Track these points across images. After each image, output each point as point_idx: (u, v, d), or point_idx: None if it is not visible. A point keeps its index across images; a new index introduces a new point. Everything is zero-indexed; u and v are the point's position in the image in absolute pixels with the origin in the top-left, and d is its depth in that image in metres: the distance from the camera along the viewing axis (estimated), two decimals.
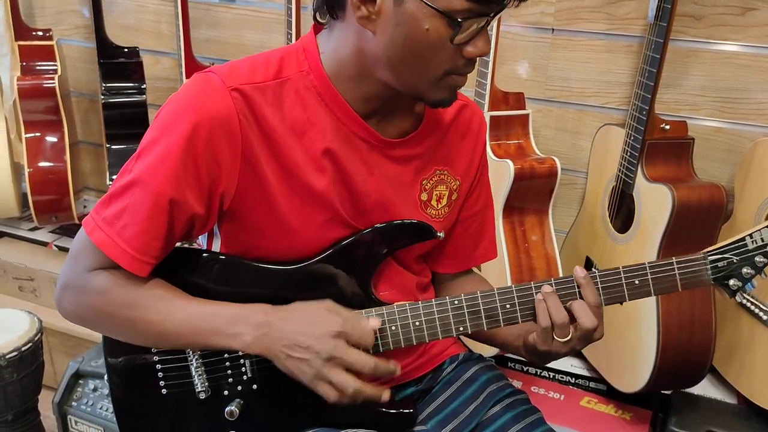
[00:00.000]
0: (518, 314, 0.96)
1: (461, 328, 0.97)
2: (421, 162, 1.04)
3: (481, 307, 0.96)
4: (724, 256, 0.96)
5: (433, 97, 0.94)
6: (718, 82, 1.59)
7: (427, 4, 0.84)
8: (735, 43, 1.55)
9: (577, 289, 0.95)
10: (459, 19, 0.84)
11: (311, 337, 0.90)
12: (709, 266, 0.96)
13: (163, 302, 0.94)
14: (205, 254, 1.01)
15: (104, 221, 0.92)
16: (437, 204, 1.07)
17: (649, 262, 0.96)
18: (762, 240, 0.95)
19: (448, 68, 0.90)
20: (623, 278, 0.95)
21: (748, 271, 0.96)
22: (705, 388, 1.58)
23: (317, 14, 0.96)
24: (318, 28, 0.98)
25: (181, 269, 0.98)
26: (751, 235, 0.95)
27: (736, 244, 0.96)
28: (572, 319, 0.94)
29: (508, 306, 0.96)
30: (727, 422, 1.46)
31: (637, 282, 0.96)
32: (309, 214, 0.97)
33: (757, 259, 0.95)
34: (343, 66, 0.94)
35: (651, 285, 0.96)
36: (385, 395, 0.93)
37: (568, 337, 0.93)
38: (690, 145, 1.52)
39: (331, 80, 0.95)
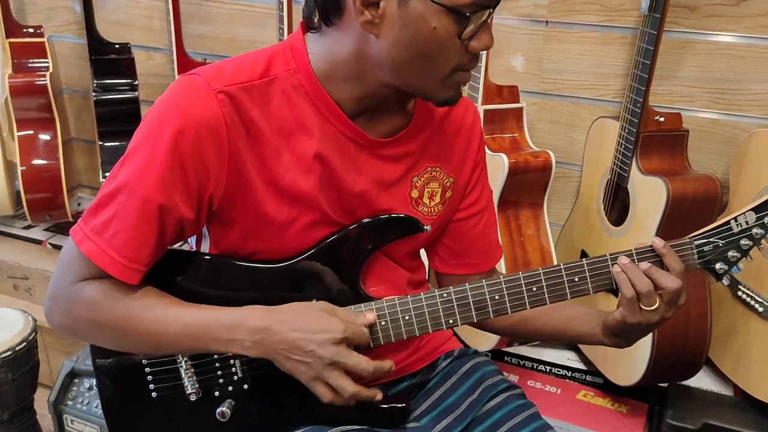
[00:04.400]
0: (507, 305, 0.96)
1: (451, 321, 0.97)
2: (411, 159, 1.03)
3: (470, 299, 0.96)
4: (710, 240, 0.96)
5: (441, 96, 0.93)
6: (712, 73, 1.58)
7: (434, 1, 0.83)
8: (729, 34, 1.55)
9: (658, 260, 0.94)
10: (467, 14, 0.84)
11: (312, 342, 0.90)
12: (695, 251, 0.96)
13: (155, 311, 0.93)
14: (191, 255, 1.00)
15: (92, 230, 0.91)
16: (429, 201, 1.06)
17: (635, 248, 0.96)
18: (747, 223, 0.95)
19: (455, 65, 0.90)
20: (610, 264, 0.96)
21: (734, 254, 0.96)
22: (701, 381, 1.59)
23: (308, 21, 0.95)
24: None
25: (168, 271, 0.97)
26: (735, 219, 0.95)
27: (721, 228, 0.96)
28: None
29: (497, 297, 0.96)
30: (723, 414, 1.46)
31: None
32: (297, 215, 0.96)
33: (742, 242, 0.95)
34: (337, 67, 0.93)
35: None
36: (378, 395, 0.94)
37: (656, 305, 0.93)
38: (684, 137, 1.51)
39: (320, 80, 0.93)
